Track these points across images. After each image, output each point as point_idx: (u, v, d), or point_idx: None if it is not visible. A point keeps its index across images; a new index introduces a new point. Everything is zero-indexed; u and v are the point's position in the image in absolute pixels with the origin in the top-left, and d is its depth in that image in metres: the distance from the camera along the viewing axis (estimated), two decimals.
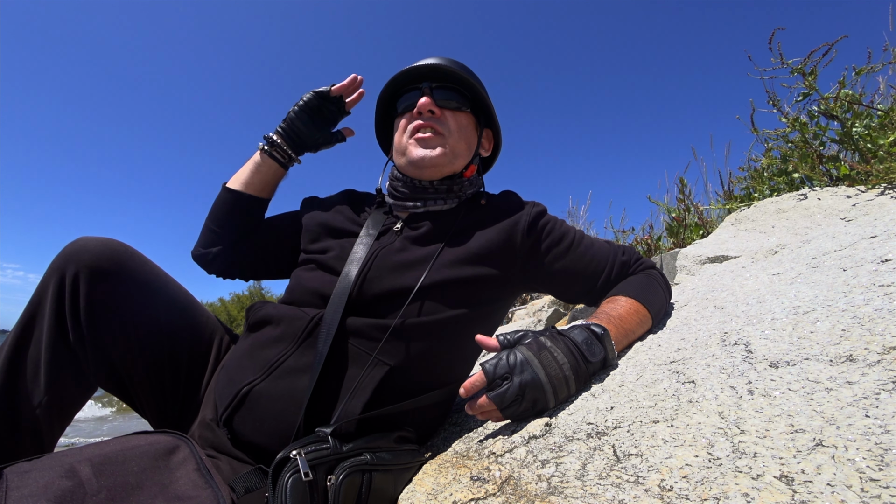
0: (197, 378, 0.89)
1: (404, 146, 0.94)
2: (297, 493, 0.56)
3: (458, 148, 0.94)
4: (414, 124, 0.92)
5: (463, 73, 0.93)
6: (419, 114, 0.92)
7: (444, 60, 0.95)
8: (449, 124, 0.93)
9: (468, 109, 0.97)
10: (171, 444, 0.62)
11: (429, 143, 0.91)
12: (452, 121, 0.93)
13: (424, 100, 0.91)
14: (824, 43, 1.67)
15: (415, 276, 0.82)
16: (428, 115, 0.92)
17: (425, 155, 0.91)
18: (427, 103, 0.91)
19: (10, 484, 0.48)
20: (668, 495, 0.42)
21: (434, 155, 0.91)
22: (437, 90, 0.93)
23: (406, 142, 0.93)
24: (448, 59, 0.96)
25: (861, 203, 1.37)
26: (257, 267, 1.06)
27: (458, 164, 0.95)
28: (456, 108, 0.95)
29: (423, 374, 0.81)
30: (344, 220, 0.97)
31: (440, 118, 0.93)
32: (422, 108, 0.91)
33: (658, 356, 0.73)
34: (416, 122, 0.92)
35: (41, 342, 0.77)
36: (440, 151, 0.91)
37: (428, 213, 0.94)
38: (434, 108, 0.92)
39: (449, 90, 0.95)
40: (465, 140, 0.96)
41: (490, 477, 0.56)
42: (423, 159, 0.91)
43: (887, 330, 0.54)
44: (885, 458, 0.37)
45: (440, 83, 0.94)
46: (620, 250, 0.95)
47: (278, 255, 1.04)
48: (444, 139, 0.92)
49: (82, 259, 0.80)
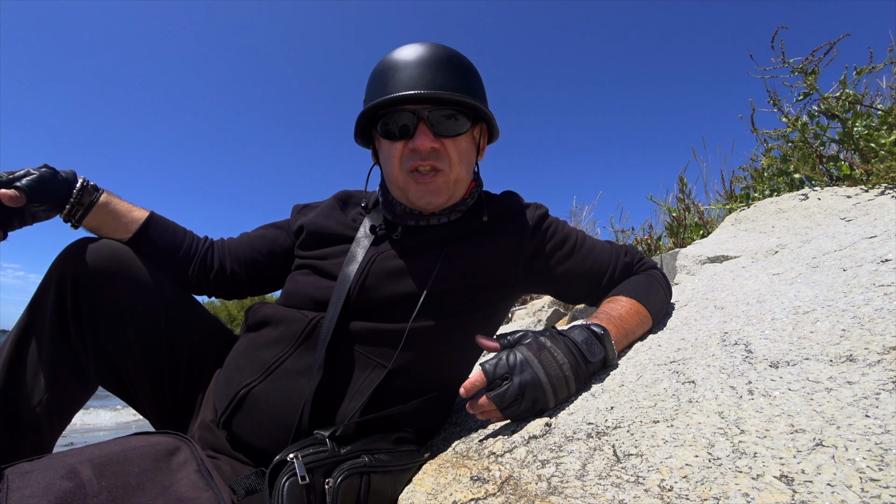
0: (197, 378, 0.89)
1: (402, 183, 0.85)
2: (293, 497, 0.56)
3: (460, 178, 0.87)
4: (412, 163, 0.83)
5: (463, 97, 0.81)
6: (416, 150, 0.82)
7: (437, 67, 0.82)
8: (450, 157, 0.83)
9: (468, 128, 0.86)
10: (171, 445, 0.62)
11: (431, 187, 0.84)
12: (453, 151, 0.84)
13: (423, 138, 0.80)
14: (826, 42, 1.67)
15: (414, 283, 0.81)
16: (428, 152, 0.82)
17: (429, 202, 0.85)
18: (427, 142, 0.81)
19: (10, 485, 0.48)
20: (668, 495, 0.42)
21: (438, 201, 0.85)
22: (433, 112, 0.81)
23: (403, 179, 0.85)
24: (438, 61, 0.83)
25: (861, 203, 1.37)
26: (253, 283, 1.01)
27: (460, 194, 0.90)
28: (456, 134, 0.84)
29: (422, 376, 0.81)
30: (338, 224, 0.94)
31: (440, 152, 0.83)
32: (422, 148, 0.81)
33: (658, 356, 0.73)
34: (415, 160, 0.82)
35: (42, 341, 0.77)
36: (443, 195, 0.85)
37: (429, 224, 0.91)
38: (434, 143, 0.81)
39: (445, 109, 0.82)
40: (466, 165, 0.88)
41: (490, 477, 0.56)
42: (427, 204, 0.85)
43: (887, 330, 0.54)
44: (885, 458, 0.37)
45: (437, 105, 0.82)
46: (623, 251, 0.95)
47: (272, 266, 1.00)
48: (447, 176, 0.84)
49: (83, 259, 0.80)
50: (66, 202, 0.82)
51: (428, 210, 0.88)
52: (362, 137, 0.94)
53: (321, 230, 0.94)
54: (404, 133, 0.83)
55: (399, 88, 0.80)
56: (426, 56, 0.83)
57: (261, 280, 1.01)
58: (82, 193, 0.83)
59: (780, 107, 1.92)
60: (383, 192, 0.94)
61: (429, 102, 0.81)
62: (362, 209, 0.97)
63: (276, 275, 1.00)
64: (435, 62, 0.83)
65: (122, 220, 0.88)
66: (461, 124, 0.84)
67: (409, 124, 0.82)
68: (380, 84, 0.84)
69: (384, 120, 0.83)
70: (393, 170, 0.85)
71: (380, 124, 0.85)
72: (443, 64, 0.83)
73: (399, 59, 0.83)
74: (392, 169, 0.85)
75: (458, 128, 0.84)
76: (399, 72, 0.82)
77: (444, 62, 0.83)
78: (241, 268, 0.98)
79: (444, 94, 0.80)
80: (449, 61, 0.84)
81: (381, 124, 0.84)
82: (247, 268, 0.99)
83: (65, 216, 0.84)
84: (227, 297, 1.02)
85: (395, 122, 0.83)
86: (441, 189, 0.85)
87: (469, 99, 0.82)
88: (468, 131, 0.86)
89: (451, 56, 0.85)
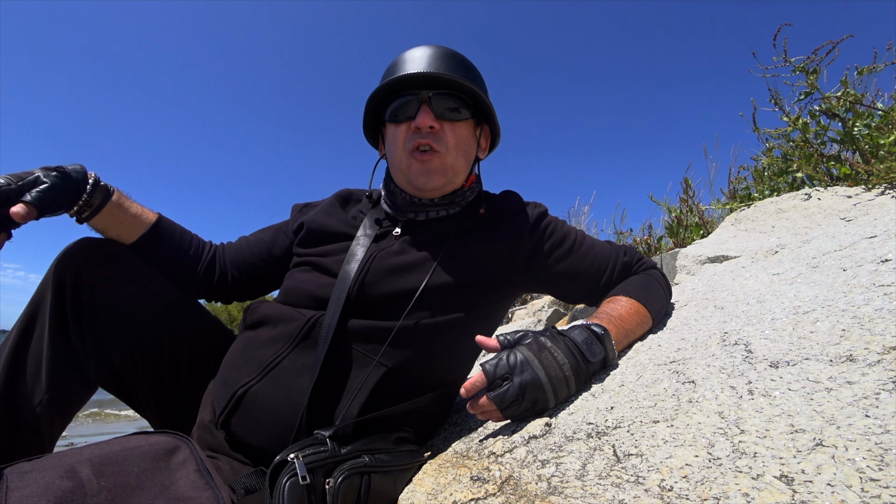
0: (197, 378, 0.89)
1: (405, 164, 0.89)
2: (294, 497, 0.56)
3: (457, 165, 0.90)
4: (414, 143, 0.87)
5: (463, 80, 0.87)
6: (418, 129, 0.86)
7: (441, 59, 0.89)
8: (447, 140, 0.88)
9: (468, 117, 0.91)
10: (171, 444, 0.62)
11: (428, 165, 0.87)
12: (451, 136, 0.88)
13: (424, 117, 0.85)
14: (828, 41, 1.67)
15: (414, 280, 0.82)
16: (428, 130, 0.86)
17: (427, 180, 0.88)
18: (427, 120, 0.85)
19: (10, 484, 0.48)
20: (668, 495, 0.42)
21: (435, 181, 0.88)
22: (435, 97, 0.87)
23: (406, 160, 0.88)
24: (443, 55, 0.90)
25: (861, 203, 1.37)
26: (254, 287, 1.02)
27: (457, 181, 0.92)
28: (456, 119, 0.89)
29: (422, 375, 0.81)
30: (338, 222, 0.94)
31: (438, 134, 0.87)
32: (422, 126, 0.85)
33: (658, 356, 0.73)
34: (416, 139, 0.87)
35: (42, 341, 0.77)
36: (440, 177, 0.88)
37: (428, 219, 0.92)
38: (434, 122, 0.86)
39: (448, 96, 0.88)
40: (464, 154, 0.91)
41: (490, 477, 0.56)
42: (425, 184, 0.88)
43: (887, 330, 0.54)
44: (885, 458, 0.37)
45: (439, 90, 0.88)
46: (622, 251, 0.95)
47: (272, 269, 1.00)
48: (443, 158, 0.87)
49: (83, 259, 0.80)
50: (76, 203, 0.81)
51: (427, 193, 0.90)
52: (370, 134, 1.00)
53: (321, 227, 0.94)
54: (408, 115, 0.88)
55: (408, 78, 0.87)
56: (433, 52, 0.90)
57: (261, 284, 1.02)
58: (92, 194, 0.82)
59: (782, 106, 1.92)
60: (386, 184, 0.97)
61: (432, 86, 0.87)
62: (367, 201, 0.99)
63: (276, 277, 1.00)
64: (440, 55, 0.90)
65: (128, 223, 0.88)
66: (462, 113, 0.90)
67: (412, 108, 0.88)
68: (389, 74, 0.91)
69: (391, 107, 0.90)
70: (397, 151, 0.90)
71: (387, 111, 0.90)
72: (448, 58, 0.90)
73: (407, 55, 0.90)
74: (397, 150, 0.90)
75: (458, 115, 0.90)
76: (406, 63, 0.89)
77: (448, 57, 0.90)
78: (241, 273, 0.99)
79: (447, 74, 0.86)
80: (453, 57, 0.91)
81: (389, 111, 0.90)
82: (247, 273, 1.00)
83: (73, 214, 0.83)
84: (227, 301, 1.03)
85: (400, 106, 0.89)
86: (438, 170, 0.88)
87: (469, 83, 0.87)
88: (468, 120, 0.92)
89: (456, 54, 0.92)
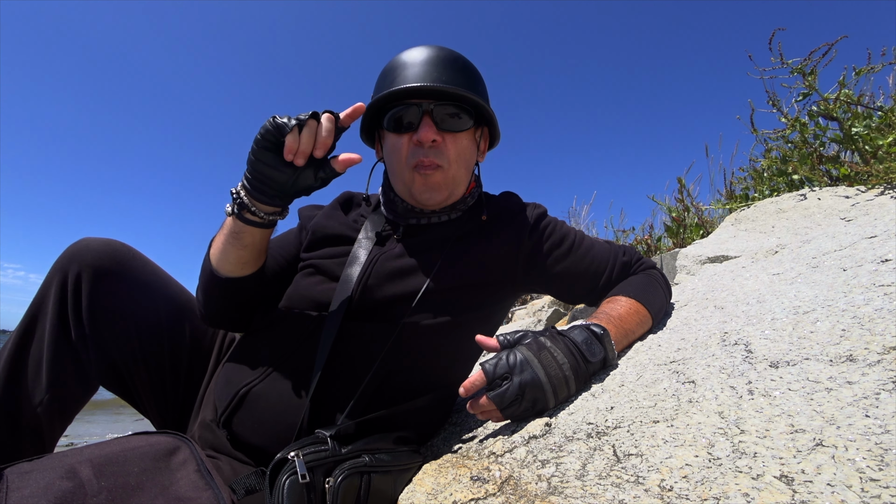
0: (198, 377, 0.89)
1: (407, 179, 0.87)
2: (293, 495, 0.56)
3: (458, 176, 0.89)
4: (416, 159, 0.84)
5: (466, 93, 0.84)
6: (420, 143, 0.84)
7: (443, 67, 0.85)
8: (449, 154, 0.85)
9: (470, 126, 0.88)
10: (171, 444, 0.62)
11: (430, 181, 0.85)
12: (452, 148, 0.86)
13: (427, 130, 0.82)
14: (824, 43, 1.67)
15: (416, 283, 0.82)
16: (430, 144, 0.84)
17: (430, 196, 0.87)
18: (430, 134, 0.83)
19: (10, 484, 0.48)
20: (668, 495, 0.42)
21: (438, 196, 0.87)
22: (437, 108, 0.84)
23: (408, 175, 0.86)
24: (445, 61, 0.86)
25: (861, 203, 1.37)
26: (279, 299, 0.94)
27: (459, 192, 0.91)
28: (457, 130, 0.86)
29: (422, 376, 0.81)
30: (340, 225, 0.94)
31: (440, 147, 0.85)
32: (424, 140, 0.83)
33: (658, 356, 0.73)
34: (419, 156, 0.84)
35: (43, 341, 0.78)
36: (443, 192, 0.87)
37: (430, 223, 0.92)
38: (437, 136, 0.83)
39: (449, 106, 0.85)
40: (465, 164, 0.90)
41: (490, 477, 0.56)
42: (428, 199, 0.87)
43: (887, 330, 0.54)
44: (885, 458, 0.37)
45: (441, 101, 0.84)
46: (621, 251, 0.95)
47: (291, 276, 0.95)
48: (445, 173, 0.86)
49: (85, 259, 0.80)
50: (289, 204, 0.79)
51: (429, 207, 0.89)
52: (367, 135, 0.96)
53: (323, 231, 0.94)
54: (409, 126, 0.85)
55: (406, 83, 0.83)
56: (433, 56, 0.87)
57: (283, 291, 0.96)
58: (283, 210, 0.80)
59: (780, 107, 1.93)
60: (384, 192, 0.95)
61: (434, 97, 0.84)
62: (365, 206, 0.98)
63: None
64: (441, 61, 0.86)
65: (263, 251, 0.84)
66: (464, 122, 0.87)
67: (413, 118, 0.84)
68: (388, 80, 0.87)
69: (391, 113, 0.86)
70: (399, 164, 0.87)
71: (386, 118, 0.87)
72: (449, 63, 0.87)
73: (407, 58, 0.87)
74: (398, 163, 0.87)
75: (460, 125, 0.87)
76: (406, 69, 0.85)
77: (450, 62, 0.87)
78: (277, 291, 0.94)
79: (450, 87, 0.83)
80: (455, 62, 0.88)
81: (388, 118, 0.86)
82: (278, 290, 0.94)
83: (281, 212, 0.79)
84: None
85: (400, 115, 0.85)
86: (440, 185, 0.86)
87: (472, 95, 0.85)
88: (470, 129, 0.89)
89: (457, 58, 0.89)
